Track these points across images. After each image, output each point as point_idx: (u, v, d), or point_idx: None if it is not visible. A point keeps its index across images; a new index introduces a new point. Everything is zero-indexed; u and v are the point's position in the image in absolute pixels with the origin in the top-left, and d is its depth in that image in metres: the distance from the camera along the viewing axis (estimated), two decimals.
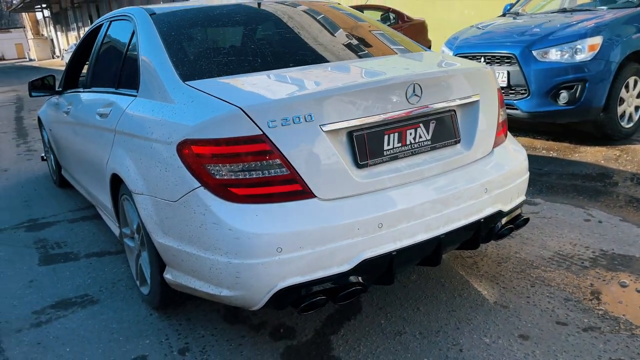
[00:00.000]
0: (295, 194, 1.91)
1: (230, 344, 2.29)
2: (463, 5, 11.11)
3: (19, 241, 3.63)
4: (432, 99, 2.15)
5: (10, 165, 6.01)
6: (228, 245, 1.86)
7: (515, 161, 2.46)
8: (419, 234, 2.06)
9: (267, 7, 2.88)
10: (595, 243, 2.96)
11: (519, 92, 4.77)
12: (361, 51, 2.62)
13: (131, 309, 2.63)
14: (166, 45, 2.41)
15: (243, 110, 1.86)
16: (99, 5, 32.45)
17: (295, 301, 1.92)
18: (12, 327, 2.54)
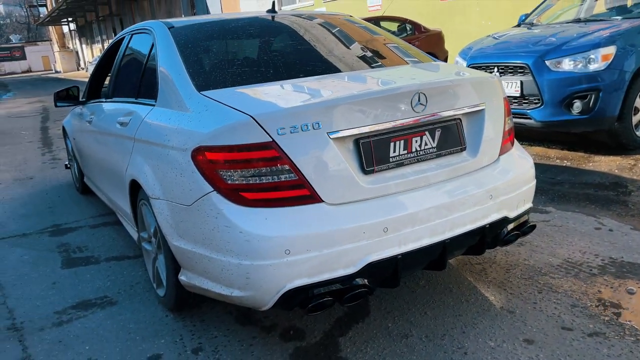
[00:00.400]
0: (303, 199, 1.99)
1: (242, 344, 2.37)
2: (480, 16, 11.15)
3: (43, 245, 3.77)
4: (437, 107, 2.22)
5: (35, 173, 6.21)
6: (239, 248, 1.95)
7: (522, 169, 2.51)
8: (423, 238, 2.12)
9: (281, 20, 2.99)
10: (605, 251, 2.97)
11: (533, 101, 4.79)
12: (370, 62, 2.71)
13: (148, 310, 2.72)
14: (183, 57, 2.52)
15: (254, 118, 1.95)
16: (123, 18, 33.20)
17: (303, 302, 1.99)
18: (35, 326, 2.66)
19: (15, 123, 11.37)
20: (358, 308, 2.58)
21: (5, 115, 13.41)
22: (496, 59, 5.06)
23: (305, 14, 3.18)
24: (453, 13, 11.75)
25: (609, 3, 5.97)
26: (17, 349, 2.45)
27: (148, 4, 28.08)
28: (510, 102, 4.97)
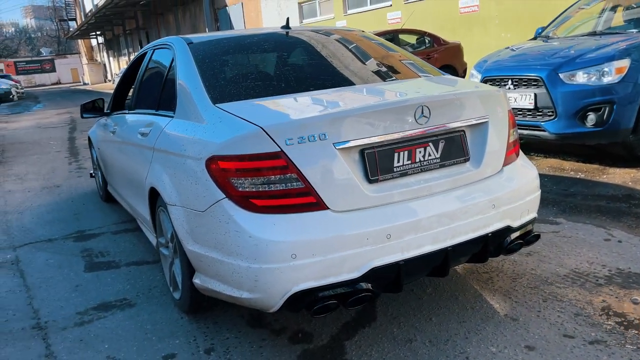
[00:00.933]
0: (309, 206, 2.09)
1: (252, 345, 2.47)
2: (500, 28, 11.18)
3: (68, 250, 3.94)
4: (440, 120, 2.31)
5: (62, 181, 6.45)
6: (248, 251, 2.06)
7: (525, 179, 2.57)
8: (426, 245, 2.20)
9: (294, 36, 3.11)
10: (613, 262, 3.00)
11: (547, 114, 4.83)
12: (379, 75, 2.81)
13: (164, 312, 2.85)
14: (200, 71, 2.66)
15: (263, 129, 2.07)
16: (149, 32, 33.98)
17: (309, 305, 2.08)
18: (58, 325, 2.80)
19: (45, 133, 11.76)
20: (365, 313, 2.67)
21: (35, 125, 13.86)
22: (510, 71, 5.12)
23: (318, 29, 3.31)
24: (472, 26, 11.80)
25: (626, 15, 5.98)
26: (40, 347, 2.59)
27: (173, 18, 28.74)
28: (524, 114, 5.01)
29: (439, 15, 12.56)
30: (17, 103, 25.33)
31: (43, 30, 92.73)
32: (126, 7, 31.90)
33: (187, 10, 26.95)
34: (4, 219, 4.91)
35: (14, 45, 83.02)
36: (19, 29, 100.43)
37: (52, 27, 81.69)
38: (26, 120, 15.73)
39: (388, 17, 14.02)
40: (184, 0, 26.75)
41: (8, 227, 4.64)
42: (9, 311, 3.00)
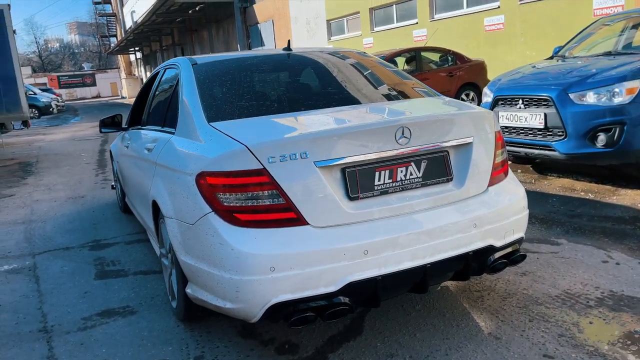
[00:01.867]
0: (290, 221, 2.19)
1: (240, 355, 2.56)
2: (525, 46, 11.12)
3: (82, 258, 4.14)
4: (422, 140, 2.38)
5: (87, 192, 6.72)
6: (230, 263, 2.17)
7: (511, 200, 2.61)
8: (404, 262, 2.26)
9: (294, 58, 3.24)
10: (607, 284, 2.99)
11: (557, 134, 4.82)
12: (369, 97, 2.91)
13: (162, 320, 2.97)
14: (199, 91, 2.81)
15: (248, 147, 2.19)
16: (184, 47, 34.92)
17: (287, 316, 2.17)
18: (63, 329, 2.96)
19: (78, 146, 12.23)
20: (352, 327, 2.73)
21: (70, 138, 14.42)
22: (521, 91, 5.13)
23: (319, 50, 3.42)
24: (497, 43, 11.77)
25: None
26: (44, 349, 2.74)
27: (207, 34, 29.50)
28: (535, 134, 5.01)
29: (464, 33, 12.57)
30: (56, 116, 26.36)
31: (86, 45, 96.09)
32: (163, 24, 32.89)
33: (220, 27, 27.64)
34: (28, 227, 5.17)
35: (58, 60, 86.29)
36: (64, 45, 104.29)
37: (94, 43, 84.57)
38: (63, 133, 16.36)
39: (414, 35, 14.11)
40: (217, 18, 27.45)
41: (31, 235, 4.88)
42: (20, 314, 3.18)
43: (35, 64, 77.64)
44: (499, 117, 5.35)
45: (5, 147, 12.68)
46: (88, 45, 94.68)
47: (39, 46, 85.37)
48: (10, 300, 3.41)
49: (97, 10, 64.59)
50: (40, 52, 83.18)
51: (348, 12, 16.88)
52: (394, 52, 10.47)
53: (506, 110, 5.26)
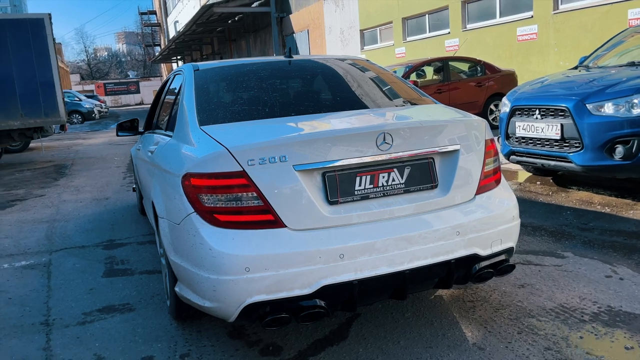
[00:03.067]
0: (267, 223, 2.23)
1: (224, 355, 2.61)
2: (559, 56, 10.87)
3: (94, 256, 4.28)
4: (405, 147, 2.38)
5: (112, 194, 6.95)
6: (208, 263, 2.22)
7: (499, 209, 2.58)
8: (380, 267, 2.26)
9: (293, 64, 3.29)
10: (606, 299, 2.89)
11: (573, 145, 4.70)
12: (360, 103, 2.92)
13: (157, 318, 3.05)
14: (196, 96, 2.89)
15: (228, 150, 2.24)
16: (223, 56, 35.64)
17: (261, 317, 2.21)
18: (63, 323, 3.07)
19: (112, 150, 12.64)
20: (339, 331, 2.74)
21: (107, 142, 14.92)
22: (538, 101, 5.03)
23: (320, 58, 3.47)
24: (530, 54, 11.54)
25: None
26: (42, 341, 2.86)
27: (245, 44, 30.03)
28: (552, 145, 4.90)
29: (497, 43, 12.39)
30: (98, 121, 27.30)
31: (132, 54, 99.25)
32: (203, 33, 33.67)
33: (258, 36, 28.09)
34: (51, 226, 5.39)
35: (106, 68, 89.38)
36: (111, 54, 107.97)
37: (140, 52, 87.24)
38: (101, 137, 16.94)
39: (446, 45, 13.99)
40: (255, 28, 27.92)
41: (52, 233, 5.09)
42: (27, 307, 3.32)
43: (84, 71, 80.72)
44: (515, 127, 5.26)
45: (46, 150, 13.24)
46: (134, 54, 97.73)
47: (88, 55, 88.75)
48: (20, 293, 3.57)
49: (143, 21, 66.78)
50: (89, 61, 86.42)
51: (381, 22, 16.90)
52: (421, 61, 10.42)
53: (523, 121, 5.16)
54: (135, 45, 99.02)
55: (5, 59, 9.53)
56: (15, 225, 5.50)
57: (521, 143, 5.25)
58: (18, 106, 9.73)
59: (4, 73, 9.57)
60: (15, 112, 9.73)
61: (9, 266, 4.17)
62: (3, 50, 9.49)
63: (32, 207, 6.39)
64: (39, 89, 9.77)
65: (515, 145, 5.33)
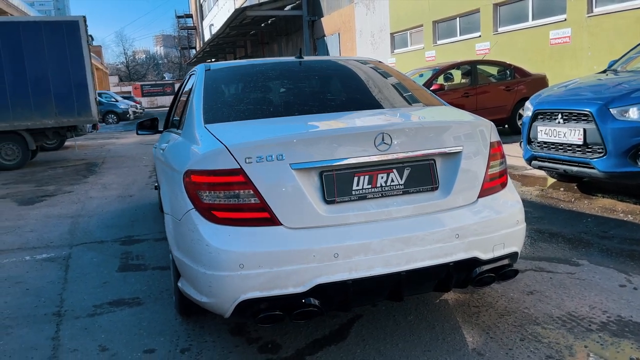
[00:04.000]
0: (263, 221, 2.25)
1: (224, 350, 2.63)
2: (592, 61, 10.58)
3: (112, 251, 4.39)
4: (405, 147, 2.36)
5: (136, 192, 7.10)
6: (205, 259, 2.25)
7: (503, 212, 2.53)
8: (376, 267, 2.25)
9: (302, 65, 3.30)
10: (617, 309, 2.80)
11: (596, 150, 4.57)
12: (363, 104, 2.92)
13: (164, 313, 3.11)
14: (204, 95, 2.94)
15: (227, 148, 2.27)
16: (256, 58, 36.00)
17: (255, 313, 2.22)
18: (74, 314, 3.16)
19: (142, 149, 12.92)
20: (339, 331, 2.74)
21: (138, 142, 15.24)
22: (561, 105, 4.91)
23: (331, 59, 3.47)
24: (563, 57, 11.26)
25: None
26: (51, 330, 2.95)
27: (277, 47, 30.29)
28: (574, 150, 4.77)
29: (529, 47, 12.14)
30: (132, 122, 27.90)
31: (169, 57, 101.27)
32: (237, 36, 34.13)
33: (290, 40, 28.29)
34: (75, 221, 5.55)
35: (143, 70, 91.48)
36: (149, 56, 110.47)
37: (176, 55, 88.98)
38: (133, 137, 17.31)
39: (476, 48, 13.79)
40: (287, 31, 28.13)
41: (75, 228, 5.24)
42: (42, 298, 3.43)
43: (122, 73, 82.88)
44: (537, 132, 5.14)
45: (79, 149, 13.64)
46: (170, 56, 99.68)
47: (127, 57, 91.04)
48: (37, 285, 3.68)
49: (179, 24, 68.16)
50: (127, 63, 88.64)
51: (412, 25, 16.78)
52: (448, 64, 10.31)
53: (545, 125, 5.05)
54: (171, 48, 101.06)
55: (42, 59, 9.87)
56: (41, 220, 5.69)
57: (543, 148, 5.13)
58: (53, 105, 10.05)
59: (40, 73, 9.91)
60: (50, 111, 10.06)
61: (30, 258, 4.32)
62: (40, 51, 9.83)
63: (60, 203, 6.59)
64: (73, 89, 10.08)
65: (537, 150, 5.21)
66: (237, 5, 33.19)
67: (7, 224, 5.61)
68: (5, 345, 2.80)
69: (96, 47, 65.88)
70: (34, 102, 9.94)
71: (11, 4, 22.61)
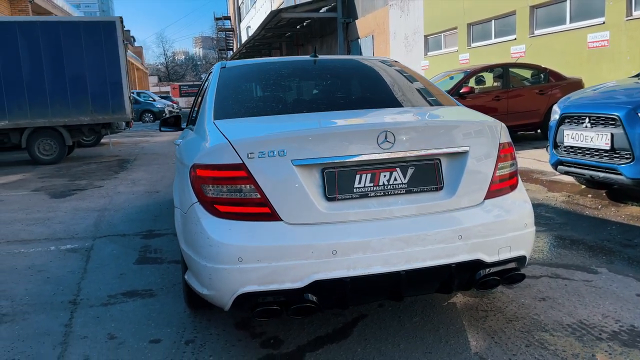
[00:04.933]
0: (264, 216, 2.27)
1: (226, 344, 2.67)
2: (631, 65, 10.22)
3: (132, 245, 4.50)
4: (409, 146, 2.34)
5: (163, 188, 7.26)
6: (206, 251, 2.29)
7: (510, 215, 2.48)
8: (375, 266, 2.24)
9: (316, 64, 3.32)
10: (631, 318, 2.71)
11: (624, 156, 4.42)
12: (373, 102, 2.90)
13: (174, 305, 3.17)
14: (217, 92, 2.99)
15: (230, 143, 2.30)
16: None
17: (252, 307, 2.24)
18: (89, 303, 3.26)
19: (174, 147, 13.16)
20: (342, 330, 2.73)
21: (171, 140, 15.49)
22: (588, 109, 4.77)
23: (346, 59, 3.48)
24: (601, 61, 10.92)
25: None
26: (65, 317, 3.04)
27: (311, 48, 30.38)
28: (601, 155, 4.63)
29: (566, 50, 11.82)
30: None
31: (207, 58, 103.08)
32: (273, 38, 34.45)
33: (324, 42, 28.37)
34: (101, 215, 5.71)
35: (182, 71, 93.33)
36: (188, 57, 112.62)
37: (214, 56, 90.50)
38: (167, 135, 17.62)
39: (511, 51, 13.51)
40: (322, 33, 28.22)
41: (100, 221, 5.39)
42: (61, 287, 3.54)
43: (162, 74, 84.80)
44: (564, 136, 5.01)
45: (114, 146, 14.02)
46: (209, 57, 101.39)
47: (167, 58, 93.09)
48: (58, 274, 3.81)
49: (217, 26, 69.27)
50: (167, 63, 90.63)
51: (446, 28, 16.59)
52: (479, 67, 10.14)
53: (572, 129, 4.91)
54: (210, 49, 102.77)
55: (80, 58, 10.20)
56: (70, 212, 5.88)
57: (569, 153, 5.00)
58: (89, 103, 10.37)
59: (78, 72, 10.24)
60: (86, 109, 10.38)
61: (55, 248, 4.47)
62: (78, 51, 10.16)
63: (89, 197, 6.80)
64: (108, 87, 10.37)
65: (564, 155, 5.08)
66: (274, 7, 33.50)
67: (38, 215, 5.82)
68: (21, 330, 2.90)
69: (137, 48, 67.62)
70: (71, 100, 10.28)
71: (56, 5, 23.45)
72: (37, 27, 10.00)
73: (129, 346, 2.68)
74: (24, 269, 3.94)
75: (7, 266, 4.03)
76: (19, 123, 10.17)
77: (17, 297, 3.38)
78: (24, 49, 9.98)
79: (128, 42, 22.60)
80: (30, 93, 10.06)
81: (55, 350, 2.67)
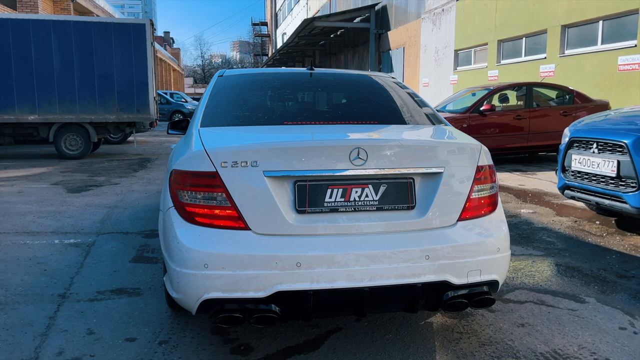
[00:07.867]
0: (232, 225, 2.31)
1: (198, 347, 2.71)
2: None
3: (132, 243, 4.61)
4: (381, 164, 2.36)
5: None
6: (176, 255, 2.35)
7: (482, 238, 2.46)
8: (339, 281, 2.25)
9: (310, 76, 3.35)
10: (607, 351, 2.64)
11: (629, 184, 4.31)
12: (352, 117, 2.92)
13: (157, 305, 3.24)
14: (209, 100, 3.06)
15: (206, 151, 2.36)
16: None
17: (216, 313, 2.29)
18: (77, 297, 3.36)
19: None
20: (312, 341, 2.75)
21: None
22: (597, 134, 4.67)
23: (341, 73, 3.50)
24: (631, 85, 10.66)
25: None
26: (51, 310, 3.15)
27: (344, 57, 30.54)
28: (607, 182, 4.53)
29: (596, 71, 11.58)
30: None
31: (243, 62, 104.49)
32: (306, 46, 34.73)
33: (356, 52, 28.47)
34: (110, 211, 5.86)
35: None
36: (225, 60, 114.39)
37: (250, 61, 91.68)
38: None
39: (540, 70, 13.31)
40: (355, 43, 28.33)
41: (107, 218, 5.54)
42: (54, 280, 3.66)
43: (198, 76, 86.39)
44: (572, 160, 4.92)
45: (138, 144, 14.34)
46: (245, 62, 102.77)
47: (204, 60, 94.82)
48: (56, 267, 3.93)
49: (254, 31, 70.25)
50: (203, 66, 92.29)
51: (476, 43, 16.45)
52: (503, 85, 10.03)
53: (579, 154, 4.82)
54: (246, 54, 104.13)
55: (109, 58, 10.51)
56: (81, 208, 6.05)
57: (576, 177, 4.91)
58: (115, 102, 10.66)
59: (106, 71, 10.55)
60: (112, 107, 10.67)
61: (59, 242, 4.61)
62: (107, 50, 10.47)
63: (103, 193, 6.98)
64: (134, 87, 10.65)
65: (571, 180, 4.99)
66: (310, 15, 33.77)
67: (51, 208, 6.01)
68: (7, 319, 3.01)
69: (175, 50, 69.08)
70: (98, 98, 10.59)
71: (97, 5, 24.20)
72: (70, 26, 10.35)
73: (104, 343, 2.76)
74: (24, 260, 4.08)
75: (10, 256, 4.18)
76: (47, 118, 10.52)
77: (12, 287, 3.51)
78: (57, 47, 10.34)
79: (167, 43, 23.33)
80: (60, 89, 10.41)
81: (34, 341, 2.76)
